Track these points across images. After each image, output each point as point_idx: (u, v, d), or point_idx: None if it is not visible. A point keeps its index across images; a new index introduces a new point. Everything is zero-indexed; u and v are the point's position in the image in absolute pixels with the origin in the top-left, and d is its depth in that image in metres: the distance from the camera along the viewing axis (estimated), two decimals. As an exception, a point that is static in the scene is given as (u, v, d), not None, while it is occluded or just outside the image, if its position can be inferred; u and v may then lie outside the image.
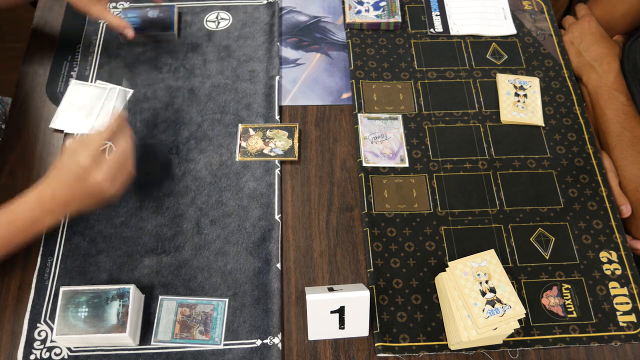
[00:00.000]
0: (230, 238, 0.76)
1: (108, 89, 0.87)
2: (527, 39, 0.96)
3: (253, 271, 0.74)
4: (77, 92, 0.87)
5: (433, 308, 0.73)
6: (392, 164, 0.83)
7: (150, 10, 0.93)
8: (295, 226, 0.79)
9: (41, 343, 0.69)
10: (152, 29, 0.92)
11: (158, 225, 0.77)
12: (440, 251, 0.77)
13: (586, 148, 0.85)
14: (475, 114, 0.88)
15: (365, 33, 0.96)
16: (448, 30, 0.96)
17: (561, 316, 0.73)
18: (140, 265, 0.74)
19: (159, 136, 0.84)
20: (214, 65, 0.91)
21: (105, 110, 0.85)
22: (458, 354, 0.70)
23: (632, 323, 0.72)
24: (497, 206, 0.80)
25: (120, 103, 0.85)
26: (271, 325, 0.71)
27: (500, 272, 0.67)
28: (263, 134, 0.84)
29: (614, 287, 0.75)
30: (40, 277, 0.73)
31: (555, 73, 0.92)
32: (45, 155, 0.83)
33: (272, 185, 0.80)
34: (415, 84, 0.91)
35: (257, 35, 0.94)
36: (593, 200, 0.81)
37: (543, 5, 1.00)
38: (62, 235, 0.76)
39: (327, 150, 0.85)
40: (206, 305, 0.71)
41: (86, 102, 0.86)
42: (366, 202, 0.79)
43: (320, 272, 0.75)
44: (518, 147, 0.85)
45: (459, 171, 0.83)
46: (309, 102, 0.89)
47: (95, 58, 0.91)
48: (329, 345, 0.71)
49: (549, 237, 0.78)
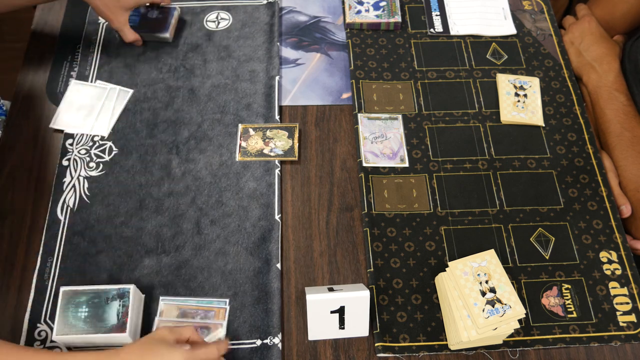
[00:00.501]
0: (230, 238, 0.76)
1: (108, 88, 0.87)
2: (527, 39, 0.96)
3: (253, 271, 0.74)
4: (77, 92, 0.87)
5: (433, 308, 0.73)
6: (392, 164, 0.83)
7: (151, 10, 0.93)
8: (295, 226, 0.79)
9: (41, 343, 0.69)
10: (147, 29, 0.92)
11: (158, 225, 0.77)
12: (440, 251, 0.77)
13: (586, 148, 0.85)
14: (475, 114, 0.88)
15: (365, 33, 0.96)
16: (448, 30, 0.96)
17: (561, 316, 0.73)
18: (140, 265, 0.74)
19: (159, 136, 0.84)
20: (214, 65, 0.91)
21: (105, 110, 0.85)
22: (458, 354, 0.70)
23: (632, 323, 0.72)
24: (497, 206, 0.80)
25: (120, 103, 0.85)
26: (271, 325, 0.71)
27: (500, 272, 0.67)
28: (263, 134, 0.84)
29: (614, 287, 0.75)
30: (40, 277, 0.73)
31: (555, 73, 0.92)
32: (45, 155, 0.83)
33: (272, 185, 0.80)
34: (415, 84, 0.91)
35: (257, 35, 0.94)
36: (593, 200, 0.81)
37: (543, 5, 1.00)
38: (62, 235, 0.76)
39: (327, 150, 0.85)
40: (207, 306, 0.71)
41: (86, 102, 0.86)
42: (366, 202, 0.79)
43: (320, 272, 0.75)
44: (518, 147, 0.85)
45: (459, 171, 0.83)
46: (309, 102, 0.89)
47: (95, 58, 0.91)
48: (329, 345, 0.71)
49: (549, 237, 0.78)
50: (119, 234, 0.76)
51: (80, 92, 0.87)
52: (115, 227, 0.77)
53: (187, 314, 0.71)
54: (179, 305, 0.71)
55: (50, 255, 0.75)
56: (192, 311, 0.71)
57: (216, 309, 0.71)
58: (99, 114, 0.85)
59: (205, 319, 0.71)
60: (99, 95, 0.87)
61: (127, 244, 0.76)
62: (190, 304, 0.72)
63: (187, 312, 0.71)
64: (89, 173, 0.81)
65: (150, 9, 0.93)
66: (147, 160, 0.82)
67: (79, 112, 0.85)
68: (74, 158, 0.82)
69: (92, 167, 0.81)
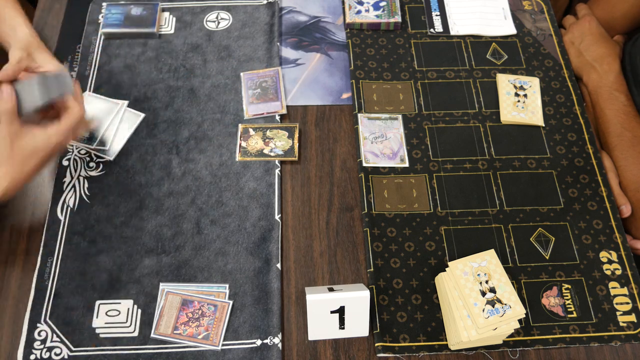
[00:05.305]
0: (230, 238, 0.76)
1: (119, 104, 0.86)
2: (527, 39, 0.96)
3: (253, 271, 0.74)
4: (86, 104, 0.86)
5: (433, 308, 0.73)
6: (392, 164, 0.83)
7: (134, 8, 0.94)
8: (295, 226, 0.79)
9: (41, 343, 0.69)
10: (133, 27, 0.92)
11: (158, 225, 0.77)
12: (440, 251, 0.77)
13: (586, 148, 0.85)
14: (475, 114, 0.88)
15: (365, 33, 0.96)
16: (448, 30, 0.96)
17: (561, 316, 0.73)
18: (140, 265, 0.74)
19: (159, 136, 0.84)
20: (214, 65, 0.91)
21: (112, 129, 0.84)
22: (458, 354, 0.70)
23: (632, 323, 0.72)
24: (497, 206, 0.80)
25: (130, 127, 0.84)
26: (271, 325, 0.71)
27: (500, 272, 0.67)
28: (263, 134, 0.84)
29: (614, 287, 0.75)
30: (40, 277, 0.73)
31: (555, 73, 0.92)
32: (45, 155, 0.83)
33: (272, 185, 0.80)
34: (415, 84, 0.91)
35: (257, 35, 0.94)
36: (593, 200, 0.81)
37: (543, 5, 1.00)
38: (62, 235, 0.76)
39: (327, 150, 0.85)
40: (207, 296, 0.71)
41: (93, 115, 0.85)
42: (366, 202, 0.79)
43: (320, 272, 0.75)
44: (518, 147, 0.85)
45: (459, 171, 0.83)
46: (309, 102, 0.89)
47: (95, 58, 0.91)
48: (329, 345, 0.71)
49: (549, 237, 0.78)
50: (119, 234, 0.76)
51: (89, 103, 0.85)
52: (115, 227, 0.77)
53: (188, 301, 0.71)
54: (180, 293, 0.72)
55: (50, 255, 0.75)
56: (193, 296, 0.71)
57: (216, 293, 0.72)
58: (105, 132, 0.84)
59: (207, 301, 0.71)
60: (109, 109, 0.86)
61: (127, 244, 0.76)
62: (191, 289, 0.72)
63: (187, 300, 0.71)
64: (89, 173, 0.81)
65: (132, 6, 0.94)
66: (147, 160, 0.82)
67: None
68: (73, 158, 0.82)
69: (92, 167, 0.81)
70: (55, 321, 0.70)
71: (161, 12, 0.95)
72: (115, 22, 0.92)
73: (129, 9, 0.94)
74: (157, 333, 0.70)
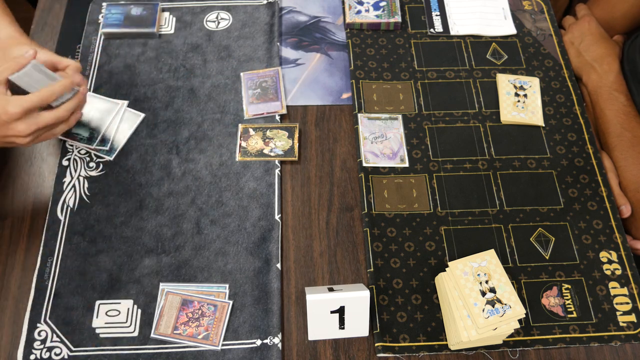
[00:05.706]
0: (230, 238, 0.76)
1: (119, 104, 0.86)
2: (527, 39, 0.96)
3: (253, 271, 0.74)
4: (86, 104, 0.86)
5: (433, 308, 0.73)
6: (392, 164, 0.83)
7: (134, 8, 0.94)
8: (295, 226, 0.79)
9: (41, 343, 0.69)
10: (133, 27, 0.92)
11: (158, 225, 0.77)
12: (440, 251, 0.77)
13: (586, 148, 0.85)
14: (475, 114, 0.88)
15: (365, 33, 0.96)
16: (448, 30, 0.96)
17: (561, 316, 0.73)
18: (140, 265, 0.74)
19: (159, 136, 0.84)
20: (214, 65, 0.91)
21: (111, 128, 0.84)
22: (458, 354, 0.70)
23: (632, 323, 0.72)
24: (497, 206, 0.80)
25: (130, 127, 0.84)
26: (271, 325, 0.71)
27: (500, 272, 0.67)
28: (263, 134, 0.84)
29: (614, 287, 0.75)
30: (40, 277, 0.73)
31: (555, 73, 0.92)
32: (45, 156, 0.83)
33: (272, 185, 0.80)
34: (415, 84, 0.91)
35: (257, 35, 0.94)
36: (593, 200, 0.81)
37: (543, 5, 1.00)
38: (62, 235, 0.76)
39: (327, 150, 0.85)
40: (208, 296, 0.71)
41: (96, 115, 0.85)
42: (366, 202, 0.79)
43: (320, 272, 0.75)
44: (518, 147, 0.85)
45: (459, 171, 0.83)
46: (309, 102, 0.89)
47: (95, 58, 0.91)
48: (329, 345, 0.71)
49: (549, 237, 0.78)
50: (119, 234, 0.76)
51: (89, 103, 0.85)
52: (115, 227, 0.77)
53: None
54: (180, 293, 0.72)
55: (50, 255, 0.75)
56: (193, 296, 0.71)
57: (216, 293, 0.72)
58: (105, 132, 0.84)
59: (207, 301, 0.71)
60: (109, 110, 0.86)
61: (127, 244, 0.76)
62: (191, 289, 0.72)
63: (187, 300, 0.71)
64: (89, 173, 0.81)
65: (132, 6, 0.94)
66: (147, 160, 0.82)
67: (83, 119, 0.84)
68: (74, 158, 0.82)
69: (92, 167, 0.81)
70: (55, 321, 0.70)
71: (161, 12, 0.95)
72: (115, 22, 0.92)
73: (129, 9, 0.94)
74: (157, 333, 0.70)
